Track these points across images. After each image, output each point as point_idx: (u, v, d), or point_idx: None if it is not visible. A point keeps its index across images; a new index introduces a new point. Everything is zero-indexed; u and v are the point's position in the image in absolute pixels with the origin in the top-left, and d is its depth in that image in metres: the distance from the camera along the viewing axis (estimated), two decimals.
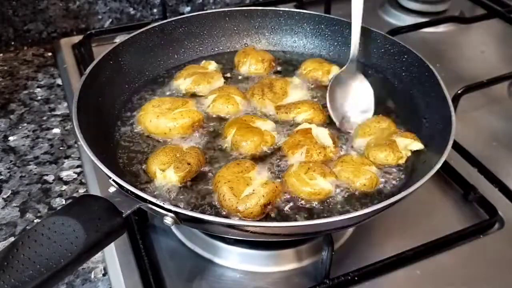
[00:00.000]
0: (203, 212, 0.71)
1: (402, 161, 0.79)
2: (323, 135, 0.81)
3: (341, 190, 0.75)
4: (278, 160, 0.80)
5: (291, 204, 0.73)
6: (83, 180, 0.91)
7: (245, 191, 0.71)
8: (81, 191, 0.89)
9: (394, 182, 0.77)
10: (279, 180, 0.75)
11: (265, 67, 0.99)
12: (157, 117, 0.83)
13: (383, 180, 0.77)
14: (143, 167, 0.78)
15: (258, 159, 0.80)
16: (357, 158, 0.78)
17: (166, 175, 0.74)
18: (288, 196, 0.73)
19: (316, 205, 0.72)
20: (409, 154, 0.80)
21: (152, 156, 0.77)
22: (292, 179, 0.74)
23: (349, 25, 1.01)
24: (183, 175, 0.74)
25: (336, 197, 0.74)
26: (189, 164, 0.75)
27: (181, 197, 0.73)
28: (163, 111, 0.84)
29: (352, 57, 0.93)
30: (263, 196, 0.70)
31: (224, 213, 0.71)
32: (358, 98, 0.90)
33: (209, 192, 0.74)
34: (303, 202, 0.73)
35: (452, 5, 1.47)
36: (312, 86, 0.97)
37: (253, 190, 0.71)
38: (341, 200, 0.73)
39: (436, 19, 1.33)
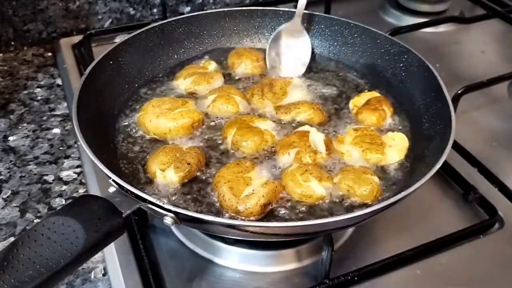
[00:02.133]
0: (203, 212, 0.71)
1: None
2: (318, 140, 0.80)
3: (337, 197, 0.74)
4: (274, 158, 0.79)
5: (290, 203, 0.73)
6: (83, 180, 0.91)
7: (245, 191, 0.71)
8: (81, 191, 0.89)
9: (394, 181, 0.77)
10: (278, 180, 0.75)
11: (261, 65, 0.99)
12: (157, 117, 0.83)
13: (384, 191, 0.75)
14: (143, 167, 0.78)
15: (258, 159, 0.80)
16: (359, 168, 0.77)
17: (166, 175, 0.74)
18: (288, 196, 0.73)
19: (313, 206, 0.73)
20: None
21: (152, 156, 0.77)
22: (287, 178, 0.74)
23: (349, 25, 1.02)
24: (183, 175, 0.74)
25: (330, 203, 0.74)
26: (189, 164, 0.75)
27: (181, 197, 0.73)
28: (163, 111, 0.84)
29: (299, 11, 0.99)
30: (263, 196, 0.70)
31: (224, 213, 0.71)
32: (297, 51, 1.00)
33: (209, 192, 0.74)
34: (301, 202, 0.73)
35: (452, 5, 1.47)
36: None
37: (253, 190, 0.71)
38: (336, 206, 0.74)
39: (436, 19, 1.33)
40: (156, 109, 0.85)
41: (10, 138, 1.01)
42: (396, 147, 0.81)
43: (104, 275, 0.76)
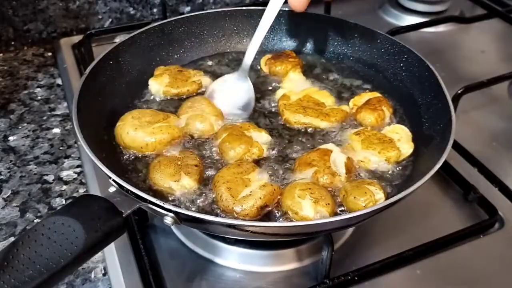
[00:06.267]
0: (203, 212, 0.71)
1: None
2: (339, 161, 0.76)
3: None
4: (283, 167, 0.79)
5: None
6: (83, 180, 0.91)
7: (243, 192, 0.70)
8: (81, 191, 0.89)
9: (394, 181, 0.77)
10: (278, 184, 0.74)
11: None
12: (135, 130, 0.79)
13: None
14: (143, 166, 0.78)
15: (262, 162, 0.79)
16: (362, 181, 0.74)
17: (182, 184, 0.73)
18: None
19: None
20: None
21: (155, 173, 0.73)
22: (287, 187, 0.72)
23: (349, 25, 1.02)
24: (197, 177, 0.74)
25: None
26: (196, 165, 0.75)
27: (197, 198, 0.73)
28: (142, 124, 0.80)
29: (245, 65, 0.90)
30: (260, 198, 0.69)
31: (219, 213, 0.71)
32: (240, 98, 0.90)
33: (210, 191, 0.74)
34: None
35: (452, 5, 1.48)
36: None
37: (251, 192, 0.70)
38: None
39: (436, 19, 1.33)
40: (136, 121, 0.80)
41: (10, 138, 1.01)
42: (404, 139, 0.82)
43: (104, 275, 0.76)
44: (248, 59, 0.90)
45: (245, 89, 0.90)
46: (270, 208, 0.71)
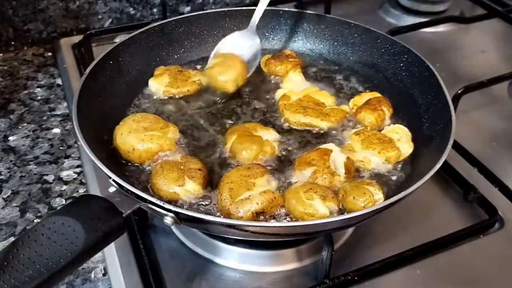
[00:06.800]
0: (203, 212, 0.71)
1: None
2: (339, 161, 0.76)
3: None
4: (283, 167, 0.78)
5: (288, 218, 0.71)
6: (83, 180, 0.91)
7: (242, 195, 0.70)
8: (81, 191, 0.89)
9: (394, 181, 0.77)
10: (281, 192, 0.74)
11: None
12: (129, 133, 0.77)
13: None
14: (144, 167, 0.78)
15: (274, 167, 0.78)
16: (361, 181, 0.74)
17: (187, 188, 0.72)
18: (287, 211, 0.71)
19: None
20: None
21: (157, 178, 0.72)
22: (289, 195, 0.71)
23: (349, 25, 1.02)
24: (202, 181, 0.73)
25: None
26: (199, 169, 0.74)
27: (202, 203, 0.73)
28: (138, 129, 0.78)
29: (253, 22, 0.97)
30: (257, 203, 0.68)
31: (216, 213, 0.71)
32: (247, 52, 0.96)
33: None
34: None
35: (452, 5, 1.48)
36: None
37: (249, 196, 0.69)
38: None
39: (436, 19, 1.33)
40: (134, 124, 0.79)
41: (10, 138, 1.01)
42: (403, 139, 0.82)
43: (104, 275, 0.76)
44: (256, 16, 0.95)
45: (250, 45, 0.96)
46: (267, 216, 0.70)
